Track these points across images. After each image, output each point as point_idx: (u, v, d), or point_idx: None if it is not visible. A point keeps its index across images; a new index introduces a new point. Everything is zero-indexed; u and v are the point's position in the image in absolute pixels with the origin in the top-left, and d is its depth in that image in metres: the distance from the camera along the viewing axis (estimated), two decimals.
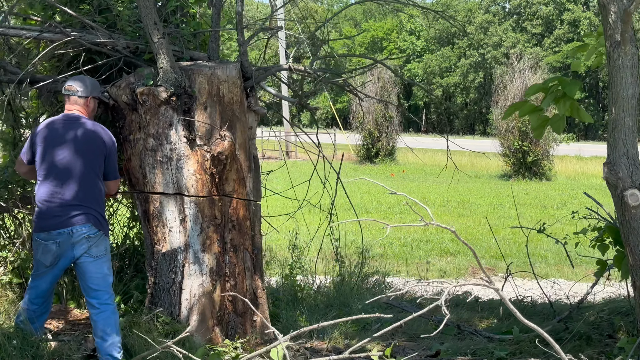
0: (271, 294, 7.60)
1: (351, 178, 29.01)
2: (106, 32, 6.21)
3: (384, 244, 14.44)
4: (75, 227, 5.38)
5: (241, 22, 6.32)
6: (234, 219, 6.29)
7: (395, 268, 12.36)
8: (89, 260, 5.47)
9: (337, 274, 8.28)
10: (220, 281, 6.19)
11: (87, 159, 5.50)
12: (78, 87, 5.64)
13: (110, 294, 5.56)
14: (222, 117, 6.14)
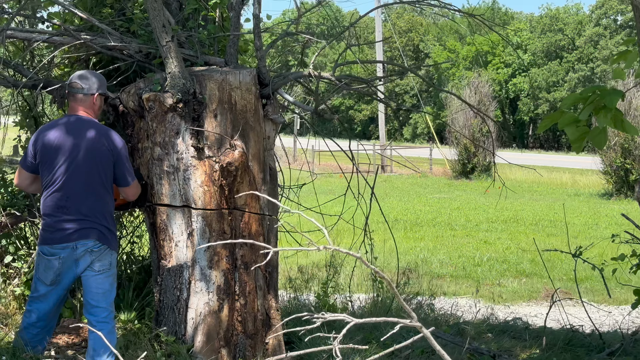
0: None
1: (440, 194, 28.42)
2: (118, 36, 5.94)
3: (455, 263, 13.84)
4: (80, 242, 5.13)
5: (258, 26, 5.95)
6: (246, 235, 5.91)
7: (462, 289, 11.81)
8: (91, 274, 5.20)
9: (376, 293, 7.79)
10: (228, 300, 5.82)
11: (93, 167, 5.20)
12: (83, 84, 5.32)
13: (110, 311, 5.26)
14: (234, 125, 5.78)
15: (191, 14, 6.27)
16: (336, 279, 8.07)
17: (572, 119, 5.56)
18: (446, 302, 9.70)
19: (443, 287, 11.86)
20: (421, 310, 7.88)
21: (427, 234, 17.96)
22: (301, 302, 7.65)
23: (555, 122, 5.65)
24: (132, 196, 5.53)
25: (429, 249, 15.76)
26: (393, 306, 7.66)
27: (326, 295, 7.48)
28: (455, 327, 7.44)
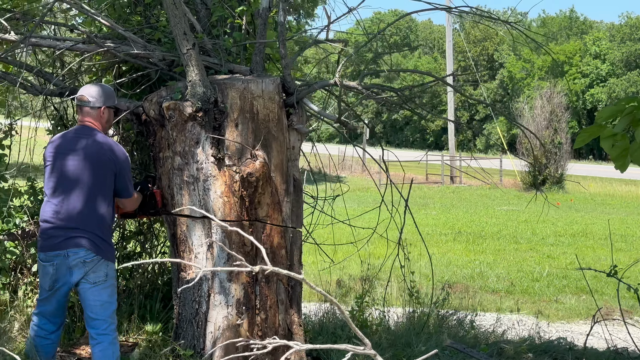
0: (333, 328, 7.01)
1: (508, 206, 27.84)
2: (142, 44, 5.87)
3: (513, 277, 13.43)
4: (71, 250, 5.02)
5: (283, 34, 5.80)
6: (267, 247, 5.76)
7: (515, 305, 11.42)
8: (86, 286, 5.10)
9: (412, 308, 7.54)
10: (248, 314, 5.67)
11: (93, 177, 5.13)
12: (90, 97, 5.27)
13: (110, 323, 5.14)
14: (255, 135, 5.64)
15: (217, 21, 6.16)
16: (372, 292, 7.83)
17: (610, 133, 5.23)
18: (492, 318, 9.37)
19: (497, 303, 11.50)
20: (461, 327, 7.59)
21: (489, 247, 17.55)
22: (337, 316, 7.44)
23: (594, 137, 5.33)
24: (130, 208, 5.50)
25: (488, 262, 15.37)
26: (431, 322, 7.39)
27: (360, 310, 7.26)
28: (495, 345, 7.14)
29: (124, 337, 6.42)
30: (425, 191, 34.26)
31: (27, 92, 6.09)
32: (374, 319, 7.60)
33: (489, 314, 10.36)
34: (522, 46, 71.84)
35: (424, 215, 24.58)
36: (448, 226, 21.60)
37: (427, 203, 29.21)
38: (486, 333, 7.71)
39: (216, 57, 6.05)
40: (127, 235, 7.10)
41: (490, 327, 8.00)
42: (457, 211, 25.68)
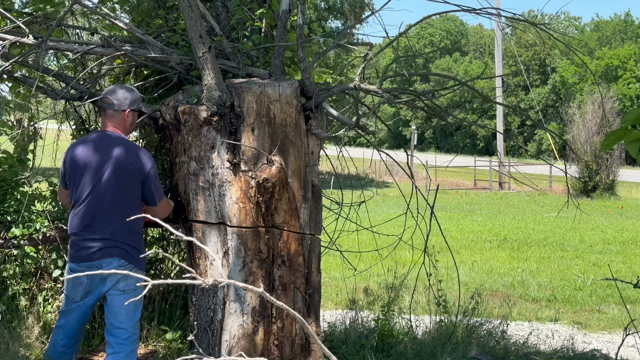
0: (357, 338, 6.86)
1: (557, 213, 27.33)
2: (160, 47, 5.80)
3: (555, 286, 13.11)
4: (104, 261, 4.98)
5: (302, 37, 5.68)
6: (284, 254, 5.63)
7: (555, 315, 11.15)
8: (115, 293, 5.04)
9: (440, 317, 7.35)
10: (264, 323, 5.55)
11: (120, 186, 5.06)
12: (114, 100, 5.18)
13: (132, 333, 5.07)
14: (272, 140, 5.52)
15: (237, 24, 6.07)
16: (399, 301, 7.66)
17: (636, 136, 5.02)
18: (529, 328, 9.14)
19: (536, 312, 11.23)
20: (491, 337, 7.38)
21: (533, 255, 17.21)
22: (363, 324, 7.29)
23: (620, 140, 5.13)
24: (161, 215, 5.32)
25: (532, 270, 15.06)
26: (459, 332, 7.20)
27: (386, 319, 7.09)
28: (524, 357, 6.93)
29: (144, 344, 6.36)
30: (473, 197, 33.87)
31: (47, 95, 6.05)
32: (401, 327, 7.43)
33: (527, 323, 10.13)
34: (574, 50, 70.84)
35: (469, 221, 24.28)
36: (493, 233, 21.27)
37: (473, 209, 28.85)
38: (518, 344, 7.49)
39: (235, 60, 5.95)
40: (150, 240, 7.03)
41: (522, 337, 7.77)
42: (504, 217, 25.28)
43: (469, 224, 23.57)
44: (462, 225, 23.10)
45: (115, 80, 6.54)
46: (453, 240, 19.22)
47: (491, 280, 13.67)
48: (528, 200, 33.21)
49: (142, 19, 6.41)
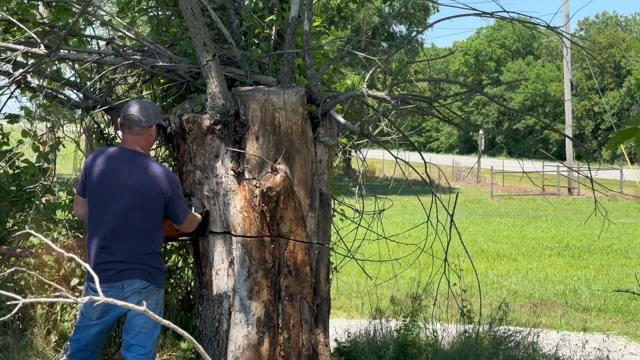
0: (378, 349, 6.73)
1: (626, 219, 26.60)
2: (168, 56, 5.79)
3: (609, 295, 12.70)
4: (126, 282, 4.89)
5: (309, 44, 5.60)
6: (290, 264, 5.56)
7: (605, 325, 10.81)
8: (134, 313, 4.92)
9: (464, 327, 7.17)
10: (269, 333, 5.48)
11: (141, 210, 4.93)
12: (141, 117, 4.95)
13: (149, 350, 4.96)
14: (277, 148, 5.46)
15: (247, 31, 6.02)
16: (424, 311, 7.48)
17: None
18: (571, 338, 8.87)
19: (584, 322, 10.90)
20: (518, 348, 7.16)
21: (594, 262, 16.76)
22: (384, 335, 7.15)
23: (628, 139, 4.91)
24: (187, 229, 5.25)
25: (587, 278, 14.64)
26: (484, 343, 7.00)
27: (407, 329, 6.94)
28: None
29: (159, 354, 6.35)
30: (539, 203, 33.21)
31: (60, 103, 6.10)
32: (427, 338, 7.27)
33: (574, 333, 9.83)
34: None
35: (532, 228, 23.82)
36: (556, 240, 20.81)
37: (539, 215, 28.29)
38: (547, 355, 7.26)
39: (244, 68, 5.91)
40: (169, 249, 7.03)
41: (552, 348, 7.53)
42: (570, 224, 24.70)
43: (532, 230, 23.12)
44: (524, 232, 22.67)
45: (129, 89, 6.56)
46: (513, 248, 18.88)
47: (543, 288, 13.35)
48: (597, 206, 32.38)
49: (157, 27, 6.40)
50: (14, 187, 6.59)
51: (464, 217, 26.68)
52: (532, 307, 11.28)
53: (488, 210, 30.06)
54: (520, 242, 20.19)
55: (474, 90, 5.78)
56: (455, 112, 5.80)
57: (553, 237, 21.51)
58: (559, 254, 18.17)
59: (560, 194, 36.24)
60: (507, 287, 13.20)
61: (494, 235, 21.34)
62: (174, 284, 6.98)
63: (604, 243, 20.33)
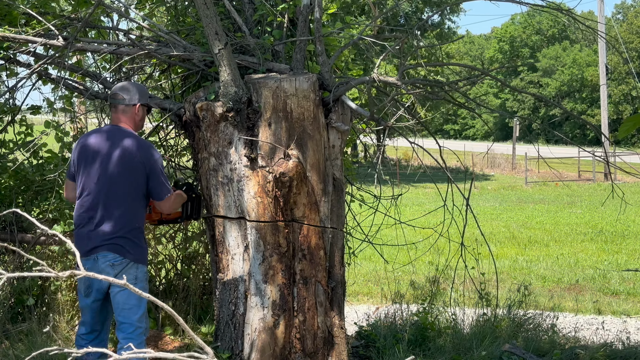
0: (397, 332, 6.81)
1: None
2: (182, 45, 5.90)
3: (636, 279, 12.61)
4: (100, 254, 4.99)
5: (319, 31, 5.68)
6: (305, 248, 5.64)
7: (634, 308, 10.76)
8: (116, 289, 5.03)
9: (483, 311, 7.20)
10: (284, 316, 5.58)
11: (124, 181, 5.06)
12: (124, 95, 5.21)
13: (136, 327, 5.05)
14: (290, 134, 5.54)
15: (260, 19, 6.11)
16: (444, 294, 7.53)
17: None
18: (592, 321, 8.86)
19: (612, 306, 10.87)
20: (537, 330, 7.17)
21: (626, 247, 16.63)
22: (403, 318, 7.21)
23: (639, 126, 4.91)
24: (168, 209, 5.31)
25: (619, 262, 14.54)
26: (503, 326, 7.03)
27: (426, 313, 7.00)
28: (570, 351, 6.72)
29: (180, 337, 6.48)
30: (575, 189, 32.94)
31: (81, 94, 6.24)
32: (446, 321, 7.32)
33: (599, 317, 9.81)
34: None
35: (567, 213, 23.68)
36: (590, 225, 20.66)
37: (574, 201, 28.06)
38: (567, 337, 7.28)
39: (257, 56, 5.99)
40: (190, 236, 7.15)
41: (572, 330, 7.54)
42: (606, 209, 24.44)
43: (566, 216, 22.98)
44: (558, 217, 22.55)
45: (146, 79, 6.68)
46: (545, 233, 18.79)
47: (572, 273, 13.30)
48: (634, 190, 32.06)
49: (177, 18, 6.51)
50: (38, 177, 6.74)
51: (498, 203, 26.57)
52: (559, 292, 11.26)
53: (522, 196, 29.90)
54: (553, 228, 20.08)
55: (483, 73, 5.80)
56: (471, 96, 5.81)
57: (587, 222, 21.37)
58: (592, 239, 18.06)
59: (597, 180, 35.90)
60: (536, 272, 13.18)
61: (527, 222, 21.25)
62: (195, 270, 7.10)
63: (639, 228, 20.16)
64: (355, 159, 15.64)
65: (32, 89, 6.44)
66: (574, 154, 42.56)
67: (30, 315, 6.41)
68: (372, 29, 6.20)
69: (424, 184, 29.66)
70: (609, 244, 17.16)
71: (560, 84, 75.85)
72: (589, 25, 5.90)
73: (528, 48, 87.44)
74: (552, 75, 77.23)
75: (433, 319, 7.05)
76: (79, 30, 5.77)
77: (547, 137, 69.13)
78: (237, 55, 5.81)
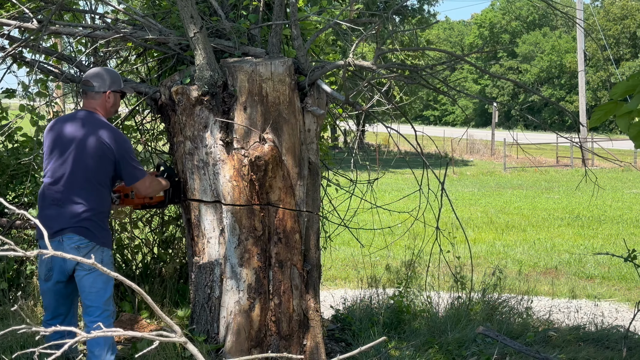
0: (372, 315, 6.86)
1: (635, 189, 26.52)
2: (157, 29, 5.89)
3: (614, 263, 12.71)
4: (65, 236, 4.98)
5: (295, 15, 5.68)
6: (280, 232, 5.66)
7: (609, 292, 10.88)
8: (82, 273, 5.03)
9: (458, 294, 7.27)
10: (260, 299, 5.61)
11: (90, 165, 5.05)
12: (95, 82, 5.21)
13: (103, 310, 5.06)
14: (265, 118, 5.54)
15: (236, 4, 6.11)
16: (418, 277, 7.59)
17: (626, 110, 4.83)
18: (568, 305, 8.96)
19: (587, 289, 10.99)
20: (511, 313, 7.25)
21: (602, 232, 16.78)
22: (379, 302, 7.26)
23: (610, 115, 4.95)
24: (145, 191, 5.33)
25: (595, 247, 14.68)
26: (477, 308, 7.10)
27: (402, 296, 7.06)
28: (542, 333, 6.80)
29: (156, 322, 6.49)
30: (553, 174, 33.20)
31: (56, 77, 6.22)
32: (422, 304, 7.38)
33: (576, 300, 9.93)
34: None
35: (544, 199, 23.87)
36: (567, 210, 20.83)
37: (551, 187, 28.29)
38: (540, 320, 7.36)
39: (233, 40, 5.99)
40: (167, 220, 7.16)
41: (546, 313, 7.62)
42: (582, 194, 24.63)
43: (544, 201, 23.16)
44: (535, 203, 22.72)
45: (122, 62, 6.66)
46: (523, 219, 18.93)
47: (548, 257, 13.42)
48: (611, 176, 32.36)
49: (153, 2, 6.50)
50: (13, 161, 6.72)
51: (476, 189, 26.73)
52: (535, 276, 11.37)
53: (501, 182, 30.08)
54: (530, 213, 20.23)
55: (459, 59, 5.83)
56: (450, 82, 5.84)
57: (564, 207, 21.54)
58: (569, 224, 18.21)
59: (574, 165, 36.16)
60: (513, 257, 13.29)
61: (504, 207, 21.40)
62: (172, 254, 7.11)
63: (615, 213, 20.36)
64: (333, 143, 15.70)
65: (7, 72, 6.39)
66: (552, 140, 42.84)
67: (4, 299, 6.40)
68: (351, 14, 6.17)
69: (404, 169, 29.73)
70: (585, 229, 17.31)
71: (540, 71, 76.08)
72: (567, 13, 5.93)
73: (508, 34, 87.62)
74: (532, 61, 77.50)
75: (408, 303, 7.12)
76: (53, 12, 5.74)
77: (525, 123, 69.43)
78: (212, 39, 5.80)
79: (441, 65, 5.82)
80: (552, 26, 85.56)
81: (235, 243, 5.56)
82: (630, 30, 71.72)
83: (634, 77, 4.64)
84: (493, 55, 69.12)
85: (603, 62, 64.81)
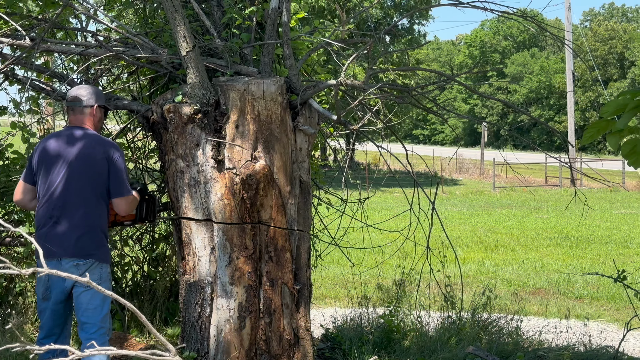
0: (363, 334, 6.85)
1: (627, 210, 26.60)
2: (150, 47, 5.90)
3: (603, 283, 12.75)
4: (64, 260, 4.97)
5: (287, 34, 5.71)
6: (271, 250, 5.67)
7: (597, 312, 10.89)
8: (80, 290, 5.02)
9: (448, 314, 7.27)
10: (251, 318, 5.60)
11: (87, 178, 5.06)
12: (81, 97, 5.25)
13: (100, 327, 5.04)
14: (257, 136, 5.56)
15: (229, 22, 6.14)
16: (410, 297, 7.60)
17: (617, 128, 4.87)
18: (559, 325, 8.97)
19: (576, 309, 11.00)
20: (501, 332, 7.26)
21: (591, 252, 16.81)
22: (370, 321, 7.26)
23: (603, 132, 4.99)
24: (123, 208, 5.23)
25: (583, 267, 14.71)
26: (467, 329, 7.10)
27: (392, 315, 7.06)
28: (533, 353, 6.81)
29: (145, 340, 6.47)
30: (542, 194, 33.28)
31: (48, 95, 6.23)
32: (412, 323, 7.38)
33: (564, 320, 9.93)
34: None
35: (533, 219, 23.91)
36: (556, 230, 20.87)
37: (540, 206, 28.35)
38: (530, 340, 7.37)
39: (226, 59, 6.02)
40: (157, 237, 7.15)
41: (536, 333, 7.63)
42: (571, 214, 24.71)
43: (533, 221, 23.20)
44: (524, 222, 22.75)
45: (114, 80, 6.68)
46: (512, 238, 18.96)
47: (537, 277, 13.44)
48: (599, 196, 32.45)
49: (146, 20, 6.52)
50: (4, 178, 6.71)
51: (466, 208, 26.77)
52: (524, 296, 11.38)
53: (490, 201, 30.14)
54: (519, 232, 20.27)
55: (449, 79, 5.86)
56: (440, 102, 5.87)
57: (553, 227, 21.58)
58: (557, 244, 18.25)
59: (563, 185, 36.29)
60: (502, 276, 13.30)
61: (494, 226, 21.43)
62: (162, 272, 7.10)
63: (604, 233, 20.41)
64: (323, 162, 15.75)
65: None
66: (541, 160, 42.99)
67: None
68: (343, 34, 6.20)
69: (393, 188, 29.78)
70: (574, 249, 17.35)
71: (529, 91, 76.49)
72: (556, 35, 5.98)
73: (498, 53, 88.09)
74: (520, 82, 77.90)
75: (399, 322, 7.11)
76: (46, 30, 5.75)
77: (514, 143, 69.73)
78: (205, 57, 5.83)
79: (432, 85, 5.85)
80: (541, 47, 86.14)
81: (226, 261, 5.56)
82: (617, 50, 72.25)
83: (623, 95, 4.68)
84: (483, 75, 69.57)
85: (592, 83, 65.29)
